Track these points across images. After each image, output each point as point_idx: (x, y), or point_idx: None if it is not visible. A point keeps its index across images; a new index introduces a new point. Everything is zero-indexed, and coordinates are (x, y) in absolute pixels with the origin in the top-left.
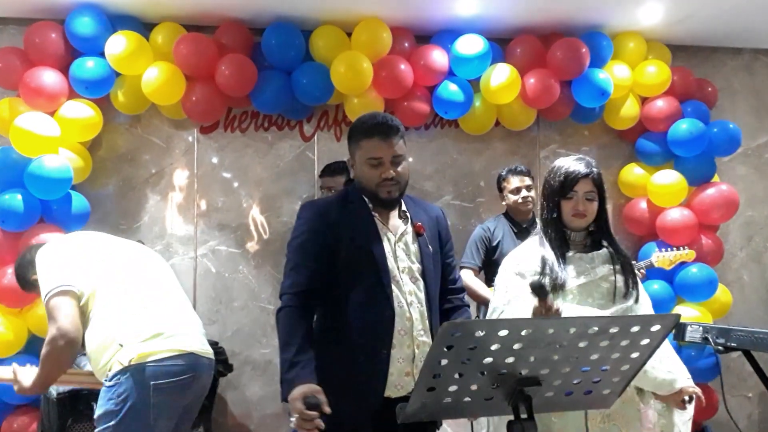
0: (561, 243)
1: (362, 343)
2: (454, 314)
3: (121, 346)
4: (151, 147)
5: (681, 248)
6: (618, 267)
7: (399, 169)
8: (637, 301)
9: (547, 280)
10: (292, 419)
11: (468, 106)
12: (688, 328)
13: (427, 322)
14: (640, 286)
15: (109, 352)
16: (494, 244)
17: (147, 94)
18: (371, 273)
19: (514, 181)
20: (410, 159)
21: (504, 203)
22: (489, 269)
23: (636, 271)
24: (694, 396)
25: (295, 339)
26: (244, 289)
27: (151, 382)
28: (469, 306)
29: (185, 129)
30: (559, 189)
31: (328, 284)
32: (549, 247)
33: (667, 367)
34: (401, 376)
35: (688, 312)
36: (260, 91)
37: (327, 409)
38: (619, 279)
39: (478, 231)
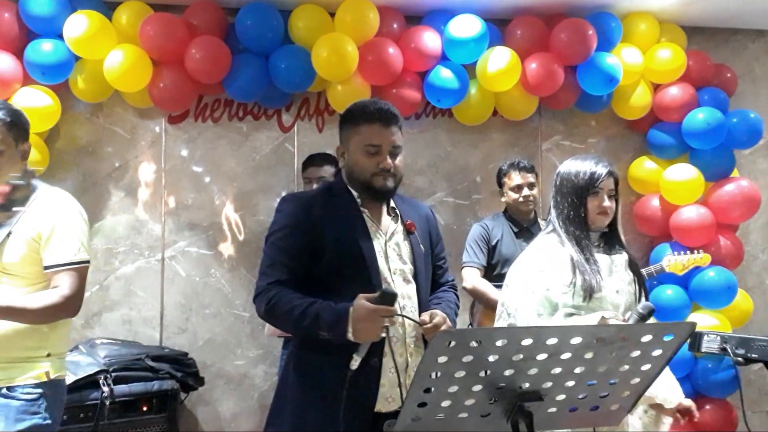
0: (587, 243)
1: (350, 352)
2: (437, 294)
3: (49, 356)
4: (114, 138)
5: (695, 251)
6: (634, 271)
7: (396, 161)
8: None
9: (579, 282)
10: (356, 359)
11: (463, 93)
12: (705, 337)
13: (420, 328)
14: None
15: (30, 352)
16: (493, 243)
17: (110, 80)
18: (360, 274)
19: (516, 178)
20: None
21: (503, 200)
22: (486, 271)
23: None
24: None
25: (305, 299)
26: (217, 294)
27: (63, 398)
28: (458, 296)
29: (152, 118)
30: (587, 185)
31: (310, 287)
32: (575, 247)
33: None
34: (393, 387)
35: (704, 320)
36: (234, 76)
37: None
38: (634, 287)
39: (477, 229)
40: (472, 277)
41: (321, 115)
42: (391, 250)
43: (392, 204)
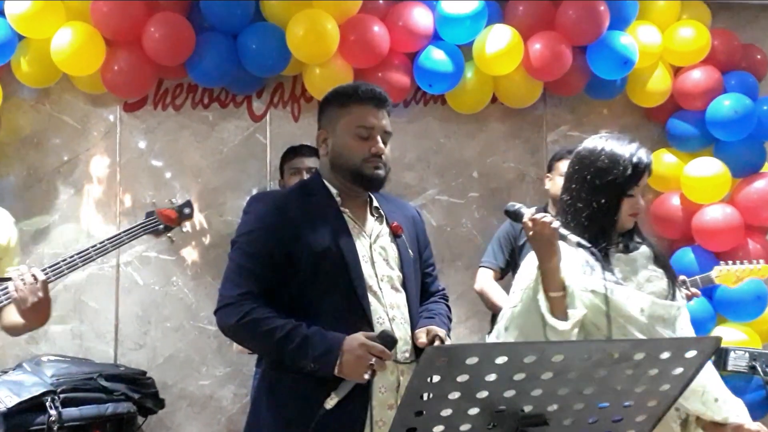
0: (607, 242)
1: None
2: (427, 305)
3: None
4: (62, 128)
5: (754, 261)
6: (660, 266)
7: (386, 149)
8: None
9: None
10: (332, 398)
11: (458, 77)
12: (732, 354)
13: (411, 343)
14: (681, 295)
15: None
16: (520, 243)
17: (57, 63)
18: (342, 282)
19: None
20: None
21: (549, 189)
22: (506, 274)
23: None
24: None
25: (287, 319)
26: (179, 305)
27: None
28: (449, 307)
29: (105, 106)
30: (627, 182)
31: (282, 300)
32: (592, 252)
33: (723, 388)
34: (383, 410)
35: (731, 334)
36: (198, 58)
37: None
38: (665, 281)
39: (504, 226)
40: (482, 279)
41: (297, 102)
42: (377, 254)
43: (375, 203)
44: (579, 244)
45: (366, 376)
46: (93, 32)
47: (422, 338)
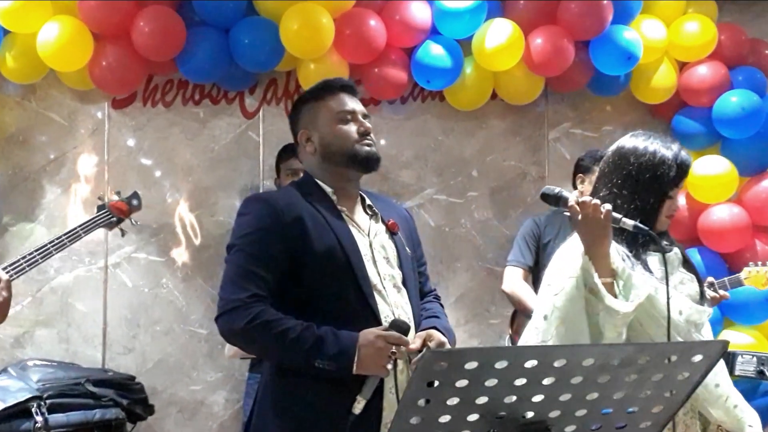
0: (641, 243)
1: (345, 376)
2: (424, 305)
3: None
4: (49, 126)
5: None
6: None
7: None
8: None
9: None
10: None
11: (456, 73)
12: (739, 358)
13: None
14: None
15: None
16: (544, 242)
17: (44, 58)
18: (347, 283)
19: None
20: (382, 141)
21: (579, 190)
22: (533, 273)
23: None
24: None
25: (298, 321)
26: (169, 308)
27: None
28: (443, 306)
29: (93, 102)
30: (671, 183)
31: (289, 301)
32: (624, 245)
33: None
34: (393, 411)
35: (738, 338)
36: (189, 53)
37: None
38: (696, 284)
39: (527, 223)
40: (512, 279)
41: (290, 98)
42: (378, 252)
43: (368, 202)
44: (636, 227)
45: (389, 367)
46: (80, 26)
47: (419, 341)
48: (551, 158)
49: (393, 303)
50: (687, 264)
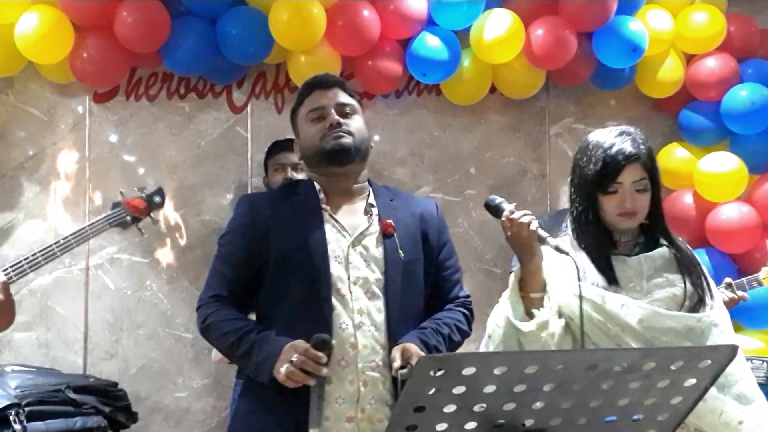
0: (602, 245)
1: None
2: (439, 313)
3: None
4: (27, 120)
5: None
6: (684, 271)
7: (350, 120)
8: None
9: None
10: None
11: (454, 66)
12: (749, 364)
13: (382, 353)
14: (718, 300)
15: None
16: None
17: (22, 50)
18: (305, 284)
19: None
20: (376, 137)
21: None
22: None
23: (725, 291)
24: None
25: (244, 324)
26: (153, 311)
27: None
28: (470, 314)
29: (74, 96)
30: (597, 180)
31: (256, 302)
32: (584, 250)
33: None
34: (340, 422)
35: (747, 342)
36: (174, 45)
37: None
38: (687, 287)
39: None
40: None
41: (280, 92)
42: (356, 254)
43: (371, 200)
44: (557, 249)
45: (310, 383)
46: (60, 17)
47: (396, 361)
48: (552, 155)
49: (356, 309)
50: (681, 265)
